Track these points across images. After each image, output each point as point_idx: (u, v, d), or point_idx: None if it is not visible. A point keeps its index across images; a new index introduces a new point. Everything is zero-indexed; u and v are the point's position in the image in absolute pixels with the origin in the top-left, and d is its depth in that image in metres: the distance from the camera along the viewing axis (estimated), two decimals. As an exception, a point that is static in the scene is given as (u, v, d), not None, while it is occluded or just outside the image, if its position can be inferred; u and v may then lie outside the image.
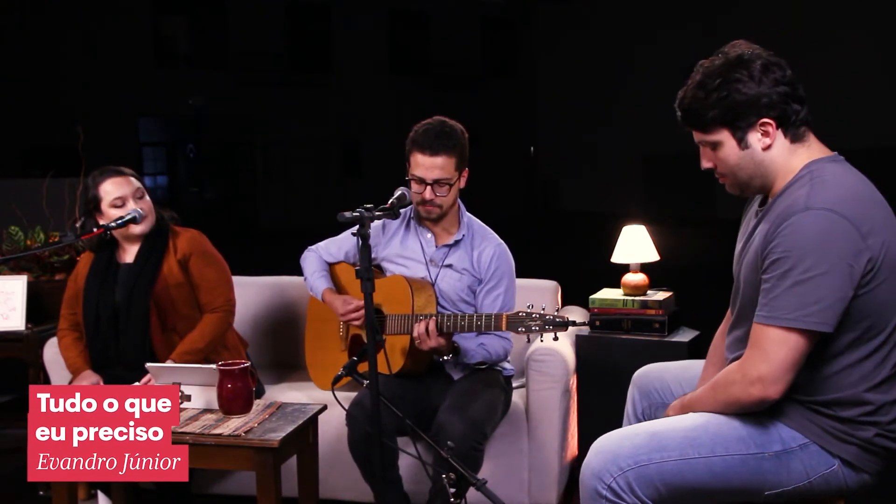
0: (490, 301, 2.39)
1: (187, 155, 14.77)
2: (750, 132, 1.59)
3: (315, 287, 2.53)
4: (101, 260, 2.53)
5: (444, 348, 2.20)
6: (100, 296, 2.47)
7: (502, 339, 2.38)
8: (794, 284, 1.49)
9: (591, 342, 2.76)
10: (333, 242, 2.60)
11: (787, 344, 1.51)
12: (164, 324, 2.46)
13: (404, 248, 2.46)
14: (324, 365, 2.56)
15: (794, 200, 1.54)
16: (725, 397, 1.60)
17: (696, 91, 1.61)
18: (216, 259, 2.58)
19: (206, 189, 14.62)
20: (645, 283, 2.81)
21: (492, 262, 2.40)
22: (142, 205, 2.48)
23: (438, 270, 2.41)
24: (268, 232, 13.72)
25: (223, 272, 2.58)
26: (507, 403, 2.47)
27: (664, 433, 1.60)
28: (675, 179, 13.99)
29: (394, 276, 2.42)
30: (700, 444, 1.58)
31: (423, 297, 2.34)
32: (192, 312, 2.51)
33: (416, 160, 2.34)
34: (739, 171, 1.62)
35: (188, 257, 2.51)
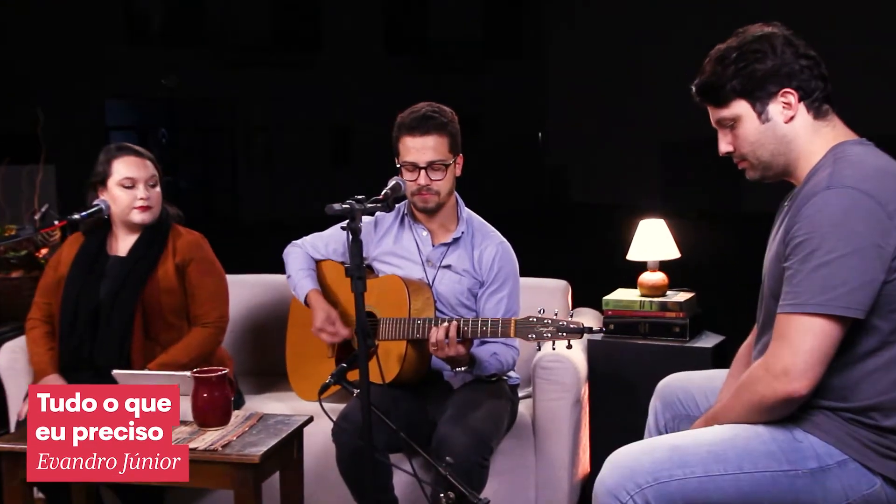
0: (493, 305, 2.39)
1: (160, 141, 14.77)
2: (771, 103, 1.61)
3: (299, 287, 2.52)
4: (91, 246, 2.50)
5: (462, 357, 2.19)
6: (83, 288, 2.44)
7: (510, 348, 2.39)
8: (818, 267, 1.49)
9: (604, 348, 2.76)
10: (320, 238, 2.60)
11: (813, 332, 1.50)
12: (148, 331, 2.45)
13: (398, 247, 2.46)
14: (308, 374, 2.56)
15: (816, 182, 1.55)
16: (749, 397, 1.59)
17: (714, 66, 1.63)
18: (216, 269, 2.58)
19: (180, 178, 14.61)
20: (664, 282, 2.81)
21: (494, 263, 2.40)
22: (152, 194, 2.47)
23: (436, 271, 2.42)
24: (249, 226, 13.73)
25: (221, 284, 2.58)
26: (512, 415, 2.47)
27: (686, 447, 1.60)
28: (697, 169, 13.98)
29: (388, 277, 2.42)
30: (726, 460, 1.58)
31: (420, 300, 2.35)
32: (180, 323, 2.51)
33: (405, 145, 2.34)
34: (760, 149, 1.63)
35: (187, 262, 2.51)
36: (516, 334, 2.11)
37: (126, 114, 14.68)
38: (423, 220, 2.45)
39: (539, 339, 2.07)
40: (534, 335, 2.07)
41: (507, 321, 2.13)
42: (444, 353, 2.17)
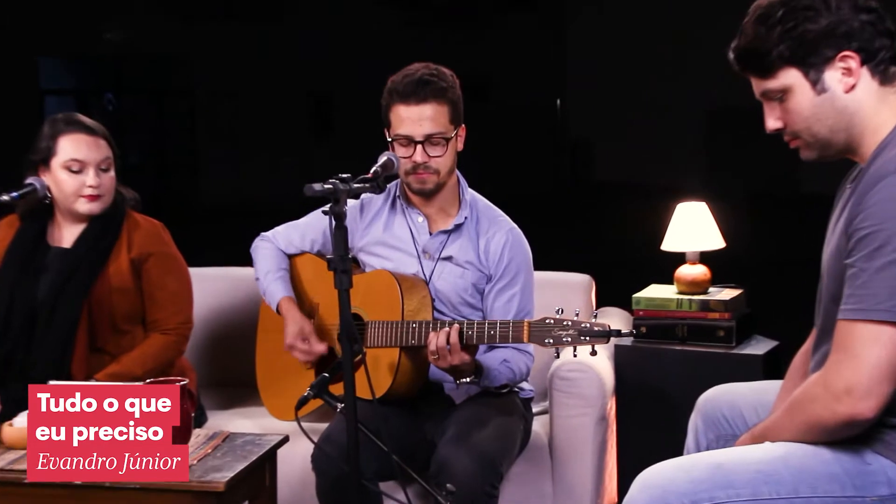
0: (502, 304, 2.40)
1: (105, 107, 14.76)
2: (827, 70, 1.59)
3: (269, 293, 2.53)
4: (28, 234, 2.49)
5: (467, 367, 2.20)
6: (18, 283, 2.43)
7: (523, 354, 2.40)
8: (886, 266, 1.49)
9: (634, 355, 2.77)
10: (295, 228, 2.60)
11: (880, 342, 1.50)
12: (94, 339, 2.46)
13: (389, 236, 2.46)
14: (283, 386, 2.57)
15: (884, 162, 1.55)
16: (805, 418, 1.60)
17: (755, 27, 1.60)
18: (179, 265, 2.58)
19: (129, 152, 14.54)
20: (706, 277, 2.82)
21: (503, 254, 2.41)
22: (103, 180, 2.46)
23: (434, 264, 2.42)
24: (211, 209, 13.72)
25: (185, 284, 2.58)
26: (525, 434, 2.48)
27: (731, 465, 1.61)
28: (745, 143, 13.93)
29: (377, 272, 2.43)
30: (779, 482, 1.58)
31: (415, 300, 2.35)
32: (133, 329, 2.52)
33: (398, 115, 2.34)
34: (816, 125, 1.62)
35: (145, 257, 2.51)
36: (530, 339, 2.12)
37: (63, 74, 14.65)
38: (419, 203, 2.45)
39: (557, 344, 2.08)
40: (551, 340, 2.08)
41: (519, 324, 2.14)
42: (446, 362, 2.18)
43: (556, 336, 2.07)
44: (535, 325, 2.11)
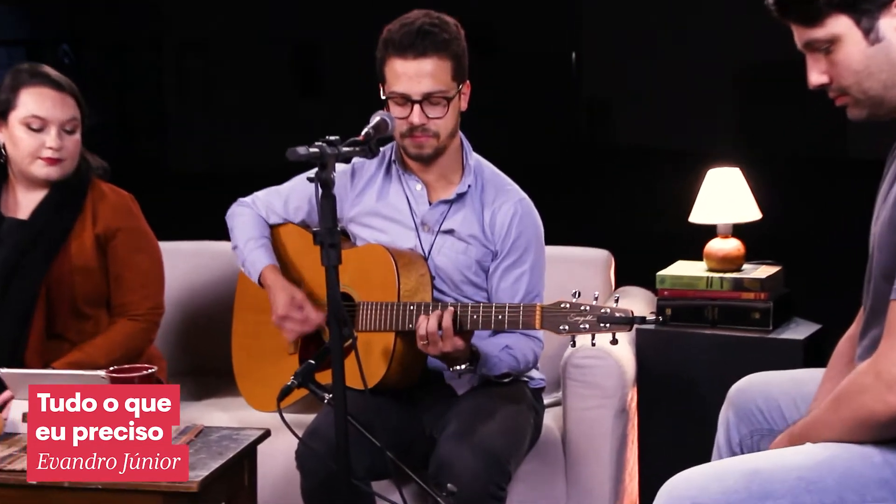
0: (509, 284, 2.41)
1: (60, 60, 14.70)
2: (882, 17, 1.59)
3: (250, 262, 2.53)
4: None
5: (461, 353, 2.21)
6: None
7: (531, 340, 2.41)
8: None
9: (658, 340, 2.78)
10: (277, 194, 2.60)
11: None
12: (51, 324, 2.46)
13: (383, 205, 2.46)
14: (263, 375, 2.58)
15: None
16: (853, 413, 1.61)
17: None
18: (150, 243, 2.58)
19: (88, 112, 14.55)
20: (740, 252, 2.82)
21: (511, 227, 2.41)
22: (67, 143, 2.44)
23: (434, 238, 2.43)
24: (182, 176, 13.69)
25: (156, 264, 2.59)
26: (536, 429, 2.49)
27: (769, 472, 1.62)
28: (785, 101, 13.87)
29: (370, 247, 2.43)
30: (823, 489, 1.59)
31: (412, 278, 2.36)
32: (96, 314, 2.52)
33: (393, 70, 2.33)
34: (868, 79, 1.62)
35: (112, 234, 2.51)
36: (543, 325, 2.12)
37: (14, 23, 14.58)
38: (417, 169, 2.45)
39: (574, 331, 2.08)
40: (567, 327, 2.08)
41: (530, 308, 2.15)
42: (437, 348, 2.19)
43: (572, 322, 2.08)
44: (548, 310, 2.11)
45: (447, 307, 2.19)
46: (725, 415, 1.95)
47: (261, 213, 2.59)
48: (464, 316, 2.19)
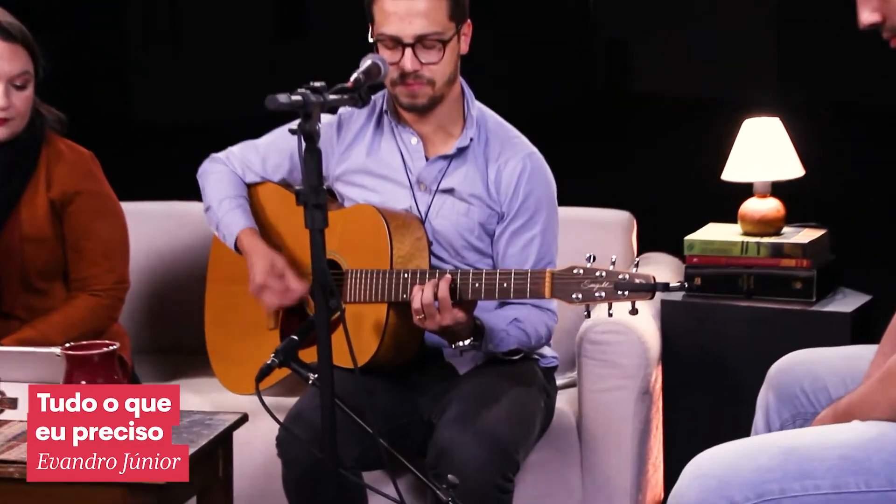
0: (517, 250, 2.41)
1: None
2: None
3: (225, 224, 2.53)
4: None
5: (462, 327, 2.22)
6: None
7: (543, 312, 2.40)
8: None
9: (686, 313, 2.79)
10: (254, 149, 2.60)
11: None
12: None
13: (374, 161, 2.46)
14: (240, 355, 2.58)
15: None
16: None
17: None
18: (112, 208, 2.58)
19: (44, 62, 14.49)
20: (779, 214, 2.82)
21: (519, 185, 2.41)
22: (16, 99, 2.42)
23: (431, 198, 2.43)
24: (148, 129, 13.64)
25: (119, 232, 2.58)
26: (547, 413, 2.50)
27: (808, 450, 1.62)
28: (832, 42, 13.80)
29: (359, 208, 2.43)
30: (869, 471, 1.60)
31: (407, 243, 2.36)
32: (50, 288, 2.53)
33: (382, 8, 2.33)
34: None
35: (69, 198, 2.50)
36: (554, 293, 2.11)
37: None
38: (412, 120, 2.44)
39: (588, 300, 2.08)
40: (580, 295, 2.08)
41: (539, 274, 2.14)
42: (434, 322, 2.18)
43: (586, 290, 2.07)
44: (559, 277, 2.11)
45: (444, 275, 2.19)
46: (764, 397, 1.96)
47: (236, 171, 2.59)
48: (464, 284, 2.19)
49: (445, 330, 2.21)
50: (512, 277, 2.16)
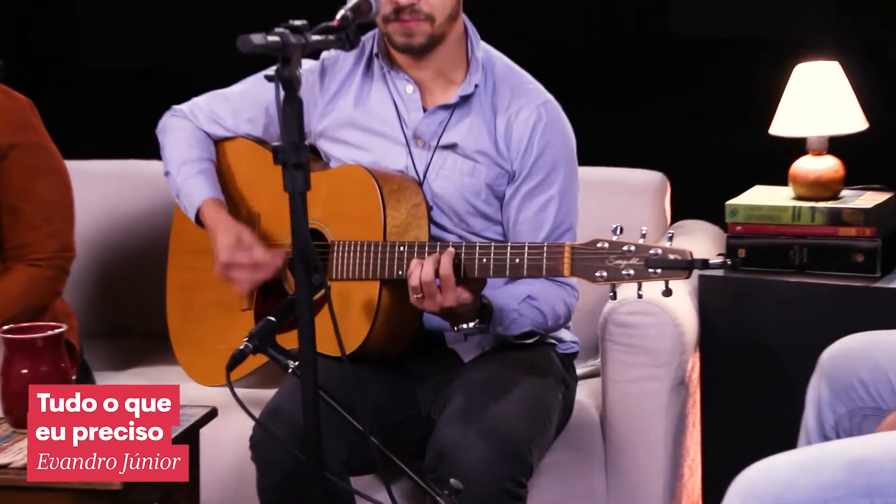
0: (531, 214, 2.41)
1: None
2: None
3: (185, 193, 2.52)
4: None
5: (467, 308, 2.22)
6: None
7: (561, 288, 2.40)
8: None
9: (728, 290, 2.78)
10: (224, 100, 2.59)
11: None
12: None
13: (364, 113, 2.46)
14: (207, 339, 2.59)
15: None
16: None
17: None
18: (54, 163, 2.60)
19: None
20: (838, 174, 2.81)
21: (533, 139, 2.41)
22: None
23: (431, 156, 2.43)
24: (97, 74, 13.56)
25: (63, 192, 2.60)
26: (566, 407, 2.50)
27: (877, 462, 1.62)
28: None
29: (347, 169, 2.43)
30: None
31: (402, 209, 2.36)
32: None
33: None
34: None
35: (3, 152, 2.53)
36: (574, 271, 2.11)
37: None
38: (408, 65, 2.44)
39: (614, 279, 2.07)
40: (605, 273, 2.07)
41: (556, 249, 2.13)
42: (435, 303, 2.18)
43: (611, 268, 2.06)
44: (580, 252, 2.10)
45: (447, 248, 2.19)
46: (816, 389, 1.97)
47: (202, 126, 2.58)
48: (469, 260, 2.18)
49: (447, 311, 2.21)
50: (525, 252, 2.16)
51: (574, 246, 2.12)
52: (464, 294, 2.18)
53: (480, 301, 2.25)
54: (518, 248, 2.17)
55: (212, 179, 2.53)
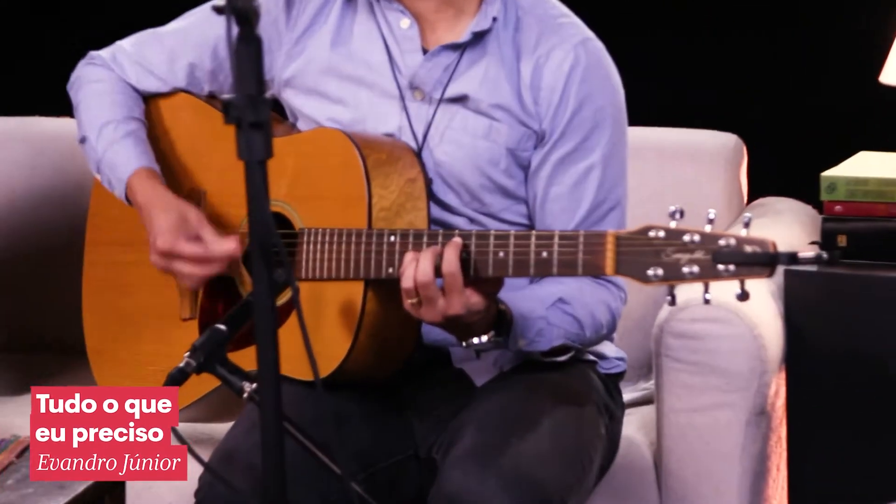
0: (566, 189, 2.43)
1: None
2: None
3: (109, 163, 2.53)
4: None
5: (478, 318, 2.23)
6: None
7: (603, 287, 2.41)
8: None
9: (825, 291, 2.79)
10: (156, 41, 2.60)
11: None
12: None
13: (343, 57, 2.48)
14: (135, 355, 2.61)
15: None
16: None
17: None
18: None
19: None
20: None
21: (569, 88, 2.42)
22: None
23: (433, 112, 2.44)
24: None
25: None
26: (610, 444, 2.51)
27: None
28: None
29: (320, 133, 2.45)
30: None
31: (393, 187, 2.37)
32: None
33: None
34: None
35: None
36: (619, 269, 2.11)
37: None
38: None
39: (673, 278, 2.05)
40: (661, 271, 2.06)
41: (596, 240, 2.13)
42: (437, 311, 2.19)
43: (669, 264, 2.05)
44: (628, 243, 2.09)
45: (452, 237, 2.19)
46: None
47: (127, 77, 2.59)
48: (481, 253, 2.19)
49: (453, 321, 2.20)
50: (555, 243, 2.15)
51: (620, 235, 2.11)
52: (474, 298, 2.18)
53: (496, 307, 2.25)
54: (545, 238, 2.16)
55: (142, 145, 2.53)
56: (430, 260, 2.16)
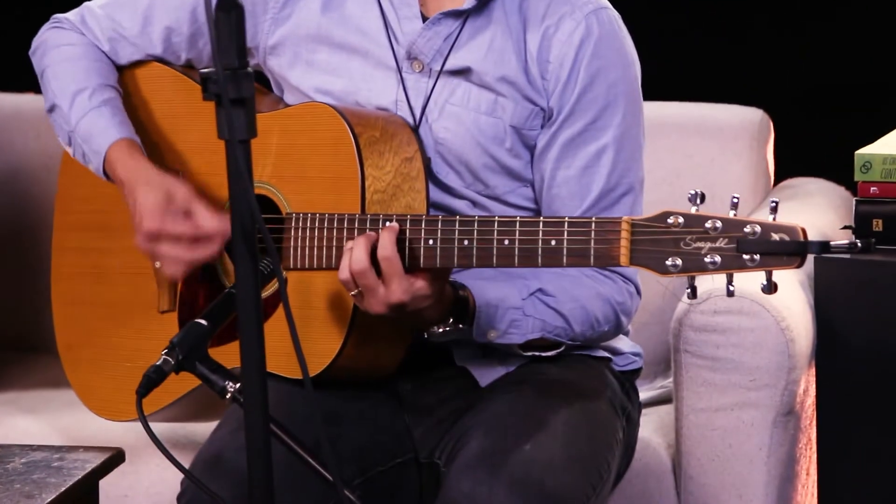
0: (576, 172, 2.43)
1: None
2: None
3: (84, 134, 2.53)
4: None
5: (428, 304, 2.26)
6: None
7: (603, 279, 2.41)
8: None
9: (857, 283, 2.77)
10: (129, 3, 2.59)
11: None
12: None
13: (334, 23, 2.48)
14: (109, 353, 2.61)
15: None
16: None
17: None
18: None
19: None
20: None
21: (579, 61, 2.42)
22: None
23: (432, 84, 2.44)
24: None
25: None
26: (626, 448, 2.51)
27: None
28: None
29: (309, 108, 2.44)
30: None
31: (388, 167, 2.37)
32: None
33: None
34: None
35: None
36: (633, 260, 2.11)
37: None
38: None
39: (693, 269, 2.06)
40: (679, 261, 2.06)
41: (609, 227, 2.13)
42: (379, 300, 2.22)
43: (689, 253, 2.05)
44: (644, 230, 2.09)
45: (390, 223, 2.20)
46: None
47: (98, 43, 2.59)
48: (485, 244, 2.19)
49: (399, 310, 2.21)
50: (565, 229, 2.15)
51: (635, 221, 2.10)
52: (418, 283, 2.20)
53: (454, 292, 2.27)
54: (554, 224, 2.16)
55: (121, 114, 2.53)
56: (363, 247, 2.18)
